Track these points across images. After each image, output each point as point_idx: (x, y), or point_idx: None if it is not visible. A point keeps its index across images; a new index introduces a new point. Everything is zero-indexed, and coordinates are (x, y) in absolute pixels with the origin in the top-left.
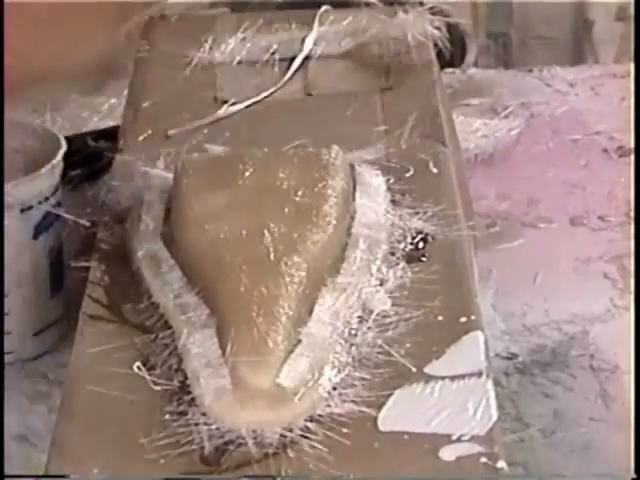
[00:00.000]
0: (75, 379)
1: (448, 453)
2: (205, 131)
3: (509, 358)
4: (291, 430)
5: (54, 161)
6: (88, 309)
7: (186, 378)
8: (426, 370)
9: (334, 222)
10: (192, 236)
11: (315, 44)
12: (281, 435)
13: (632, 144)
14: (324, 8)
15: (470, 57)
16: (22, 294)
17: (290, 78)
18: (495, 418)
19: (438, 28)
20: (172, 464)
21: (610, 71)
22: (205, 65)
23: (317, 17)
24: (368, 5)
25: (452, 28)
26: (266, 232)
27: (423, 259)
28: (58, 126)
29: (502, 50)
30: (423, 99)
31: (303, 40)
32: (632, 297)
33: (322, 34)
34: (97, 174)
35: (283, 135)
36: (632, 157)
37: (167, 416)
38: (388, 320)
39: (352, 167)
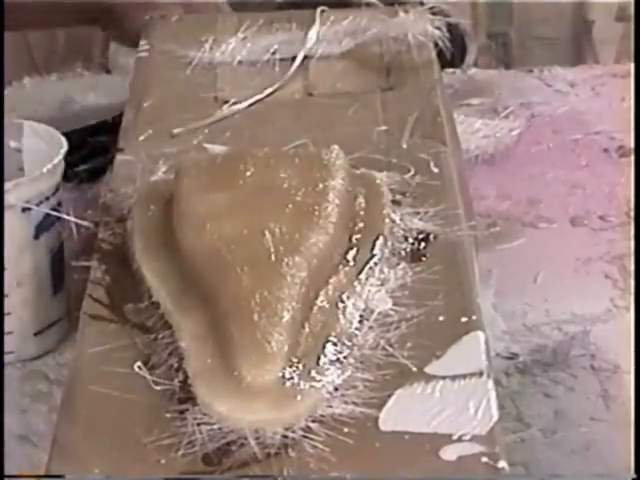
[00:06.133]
0: (76, 379)
1: (449, 453)
2: (206, 131)
3: (510, 358)
4: (293, 430)
5: (55, 161)
6: (89, 309)
7: (187, 378)
8: (427, 370)
9: (335, 222)
10: (192, 236)
11: (315, 44)
12: (283, 435)
13: (632, 144)
14: (323, 8)
15: (470, 57)
16: (23, 294)
17: (290, 78)
18: (496, 418)
19: (438, 28)
20: (173, 464)
21: (610, 71)
22: (205, 65)
23: (317, 17)
24: (368, 5)
25: (452, 28)
26: (267, 232)
27: (424, 259)
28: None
29: (502, 50)
30: (424, 99)
31: (303, 40)
32: (632, 297)
33: (322, 34)
34: (97, 172)
35: (283, 135)
36: (632, 157)
37: (168, 416)
38: (389, 320)
39: (353, 167)
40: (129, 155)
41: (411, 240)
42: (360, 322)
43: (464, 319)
